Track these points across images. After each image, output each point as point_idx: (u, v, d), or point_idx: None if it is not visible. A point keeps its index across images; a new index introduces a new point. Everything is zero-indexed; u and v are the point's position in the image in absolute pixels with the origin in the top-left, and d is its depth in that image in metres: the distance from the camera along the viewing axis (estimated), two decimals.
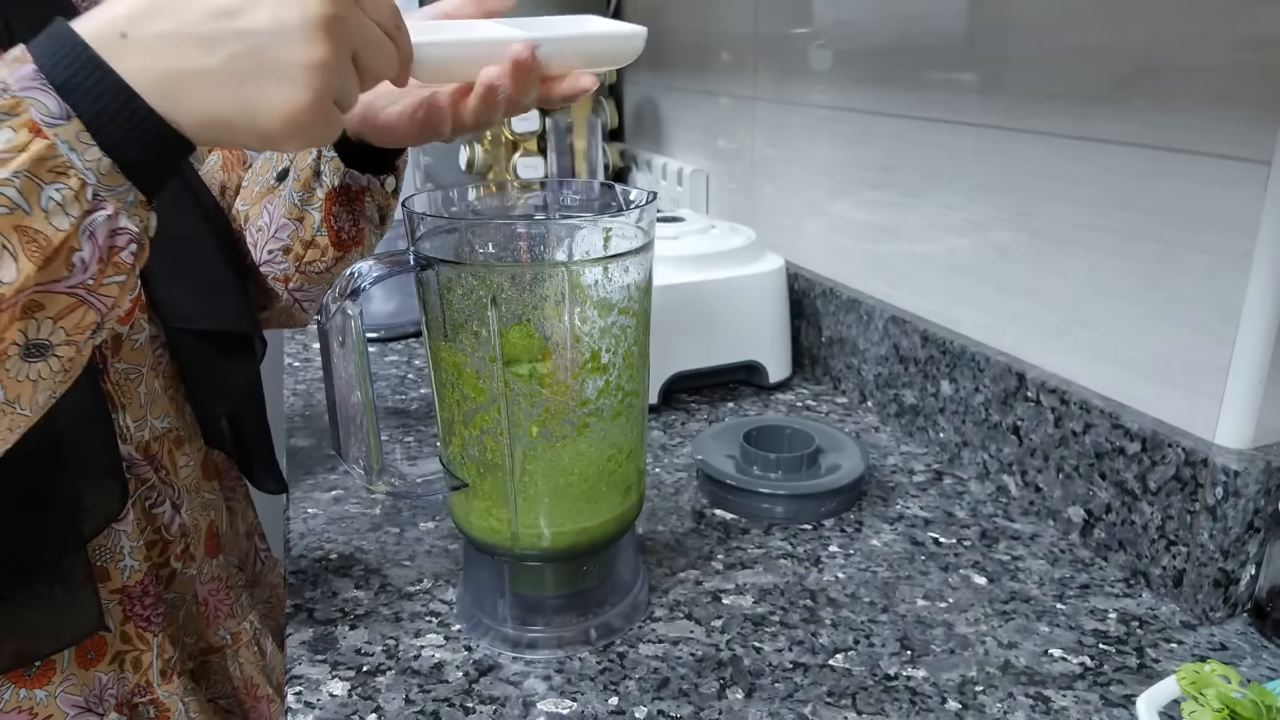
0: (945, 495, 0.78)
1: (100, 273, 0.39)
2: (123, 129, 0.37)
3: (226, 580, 0.68)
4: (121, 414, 0.58)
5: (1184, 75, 0.60)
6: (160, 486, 0.61)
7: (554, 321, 0.53)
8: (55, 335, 0.38)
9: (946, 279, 0.85)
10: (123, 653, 0.59)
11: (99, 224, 0.38)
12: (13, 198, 0.36)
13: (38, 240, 0.36)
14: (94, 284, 0.39)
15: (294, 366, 1.08)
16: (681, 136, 1.42)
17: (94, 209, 0.37)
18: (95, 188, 0.37)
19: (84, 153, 0.37)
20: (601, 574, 0.60)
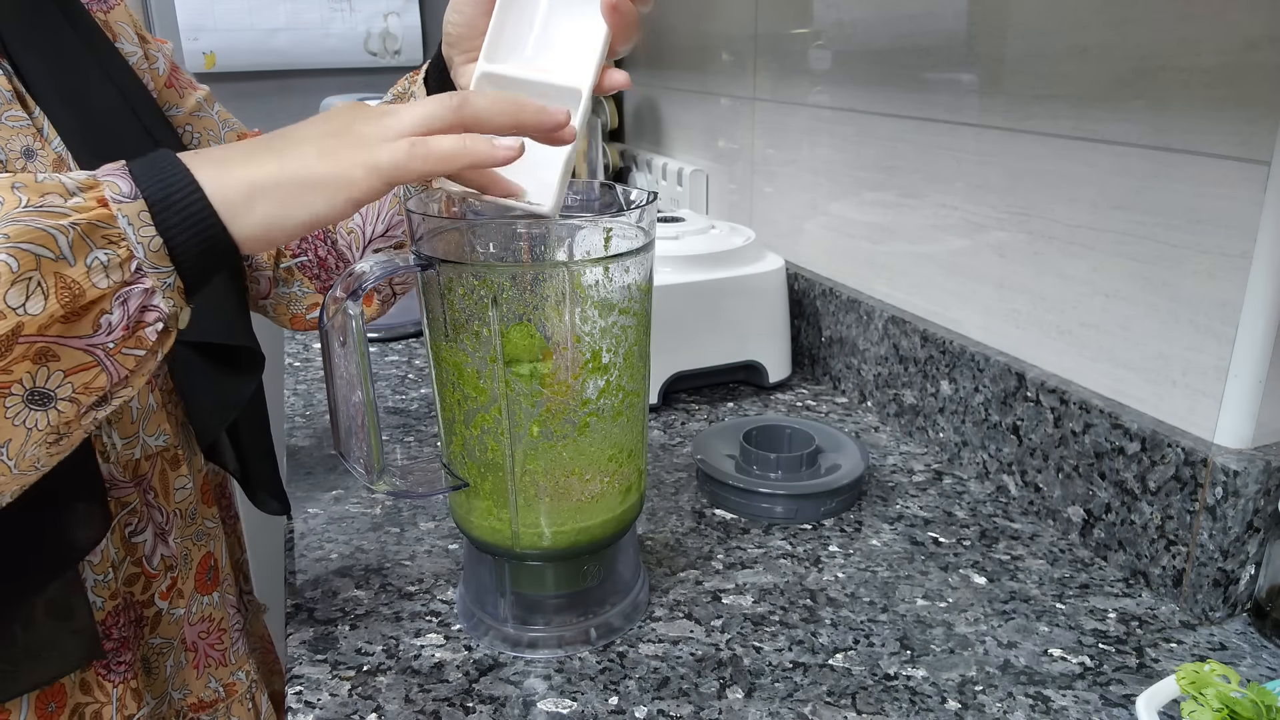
0: (945, 495, 0.78)
1: (122, 339, 0.40)
2: (180, 216, 0.40)
3: (220, 622, 0.64)
4: (108, 430, 0.56)
5: (1184, 75, 0.60)
6: (144, 510, 0.58)
7: (555, 321, 0.53)
8: (62, 389, 0.39)
9: (946, 279, 0.85)
10: (82, 705, 0.55)
11: (134, 295, 0.40)
12: (61, 247, 0.38)
13: (72, 289, 0.38)
14: (113, 348, 0.40)
15: (294, 366, 1.08)
16: (681, 137, 1.42)
17: (134, 281, 0.40)
18: (141, 262, 0.40)
19: (139, 229, 0.40)
20: (602, 574, 0.60)
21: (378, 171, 0.43)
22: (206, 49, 1.54)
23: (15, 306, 0.37)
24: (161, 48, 0.68)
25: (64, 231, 0.38)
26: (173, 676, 0.61)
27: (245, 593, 0.74)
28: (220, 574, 0.65)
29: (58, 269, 0.38)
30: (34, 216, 0.38)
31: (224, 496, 0.71)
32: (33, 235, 0.37)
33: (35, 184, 0.39)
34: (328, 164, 0.43)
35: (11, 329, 0.37)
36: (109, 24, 0.62)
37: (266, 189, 0.42)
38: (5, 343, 0.37)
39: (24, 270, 0.37)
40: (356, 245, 0.69)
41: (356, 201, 0.43)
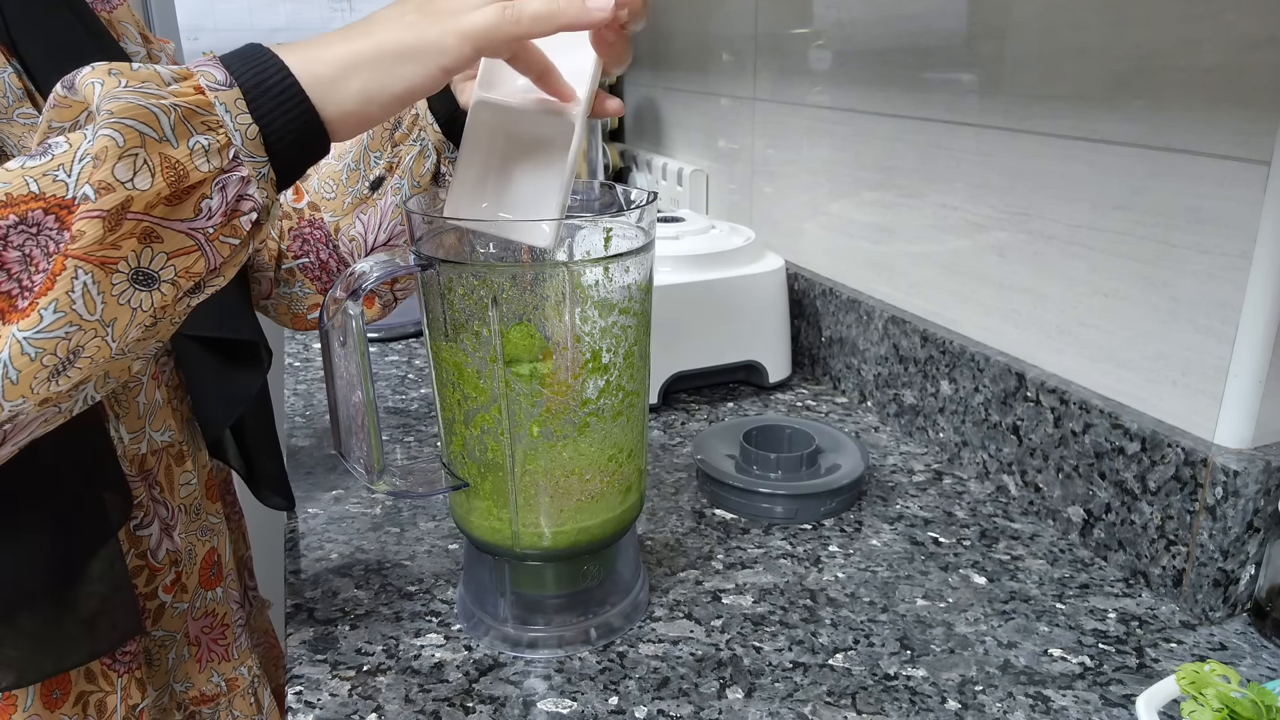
0: (945, 495, 0.78)
1: (221, 226, 0.41)
2: (274, 103, 0.41)
3: (223, 617, 0.65)
4: (116, 424, 0.56)
5: (1184, 75, 0.60)
6: (150, 505, 0.58)
7: (555, 321, 0.53)
8: (165, 270, 0.40)
9: (946, 279, 0.85)
10: (87, 693, 0.55)
11: (232, 182, 0.41)
12: (164, 128, 0.39)
13: (176, 170, 0.39)
14: (213, 234, 0.41)
15: (294, 366, 1.08)
16: (681, 137, 1.42)
17: (231, 167, 0.41)
18: (239, 149, 0.41)
19: (236, 116, 0.40)
20: (602, 574, 0.60)
21: (469, 37, 0.43)
22: (206, 49, 1.54)
23: (124, 180, 0.37)
24: (164, 48, 0.68)
25: (166, 111, 0.38)
26: (174, 669, 0.62)
27: (249, 588, 0.74)
28: (224, 569, 0.65)
29: (162, 149, 0.38)
30: (136, 95, 0.38)
31: (229, 493, 0.71)
32: (136, 112, 0.38)
33: (131, 72, 0.39)
34: (418, 33, 0.43)
35: (121, 203, 0.37)
36: (112, 23, 0.62)
37: (359, 63, 0.43)
38: (115, 217, 0.37)
39: (130, 146, 0.37)
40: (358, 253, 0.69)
41: (448, 70, 0.44)
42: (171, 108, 0.39)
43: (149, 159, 0.38)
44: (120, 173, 0.37)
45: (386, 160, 0.66)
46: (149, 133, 0.38)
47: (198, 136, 0.39)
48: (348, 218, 0.68)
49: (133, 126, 0.37)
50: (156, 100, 0.39)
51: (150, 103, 0.38)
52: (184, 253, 0.40)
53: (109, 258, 0.38)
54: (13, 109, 0.52)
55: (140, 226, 0.38)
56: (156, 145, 0.38)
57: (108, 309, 0.39)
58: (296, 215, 0.70)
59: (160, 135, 0.38)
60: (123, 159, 0.37)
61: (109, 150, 0.37)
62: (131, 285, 0.39)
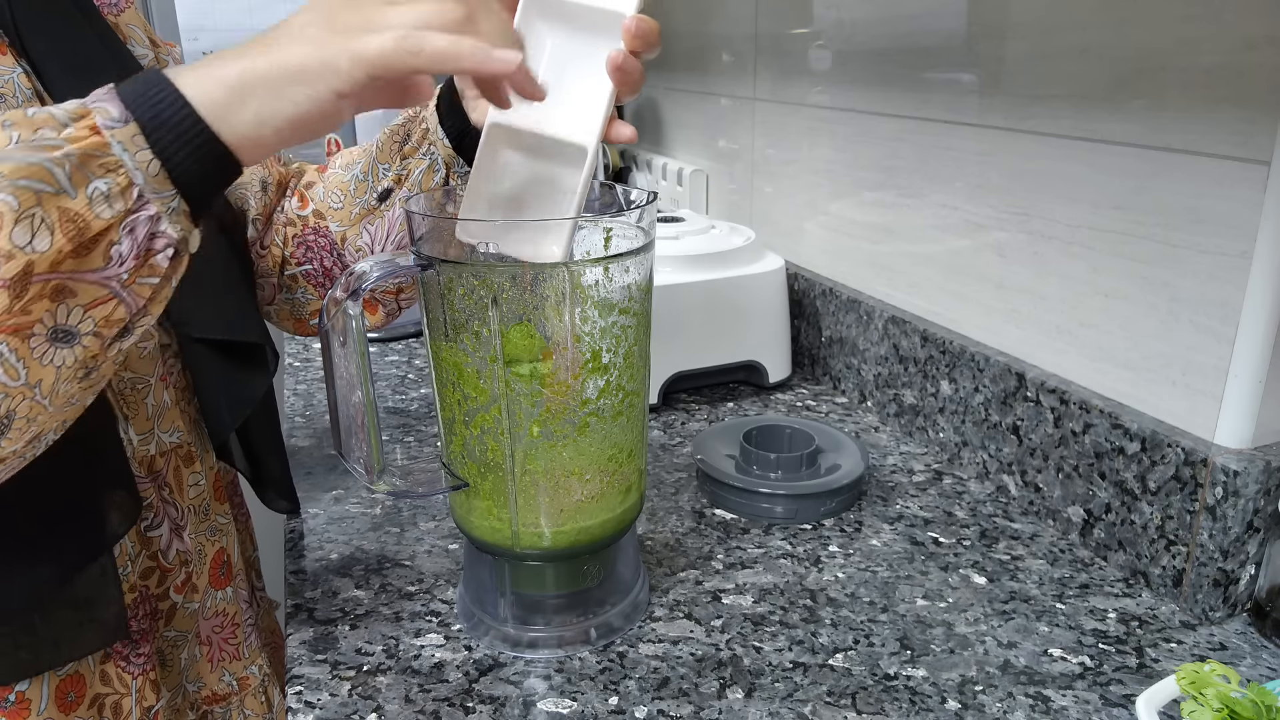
0: (945, 495, 0.78)
1: (135, 270, 0.40)
2: (173, 134, 0.40)
3: (233, 617, 0.65)
4: (125, 425, 0.56)
5: (1183, 75, 0.60)
6: (160, 506, 0.59)
7: (555, 321, 0.53)
8: (84, 324, 0.39)
9: (946, 279, 0.85)
10: (101, 695, 0.55)
11: (140, 222, 0.39)
12: (60, 180, 0.37)
13: (76, 223, 0.38)
14: (128, 279, 0.40)
15: (294, 367, 1.08)
16: (681, 137, 1.42)
17: (138, 208, 0.39)
18: (142, 188, 0.39)
19: (135, 154, 0.39)
20: (602, 574, 0.60)
21: (364, 62, 0.41)
22: (206, 49, 1.54)
23: (22, 245, 0.36)
24: (171, 51, 0.68)
25: (60, 164, 0.37)
26: (187, 669, 0.62)
27: (258, 588, 0.75)
28: (233, 569, 0.65)
29: (59, 203, 0.37)
30: (27, 152, 0.37)
31: (236, 494, 0.71)
32: (29, 171, 0.37)
33: (26, 119, 0.38)
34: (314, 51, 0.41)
35: (22, 268, 0.36)
36: (119, 26, 0.62)
37: (249, 83, 0.40)
38: (19, 283, 0.37)
39: (25, 208, 0.36)
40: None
41: (341, 94, 0.41)
42: (65, 157, 0.37)
43: (46, 216, 0.37)
44: (18, 238, 0.36)
45: (395, 172, 0.66)
46: (44, 189, 0.37)
47: (96, 182, 0.38)
48: (354, 228, 0.68)
49: (26, 186, 0.36)
50: (49, 154, 0.37)
51: (43, 158, 0.37)
52: (100, 303, 0.39)
53: (21, 324, 0.37)
54: (22, 109, 0.52)
55: (49, 286, 0.37)
56: (54, 199, 0.37)
57: (31, 372, 0.38)
58: (301, 222, 0.71)
59: (57, 188, 0.37)
60: (19, 223, 0.36)
61: (4, 215, 0.36)
62: (52, 345, 0.39)
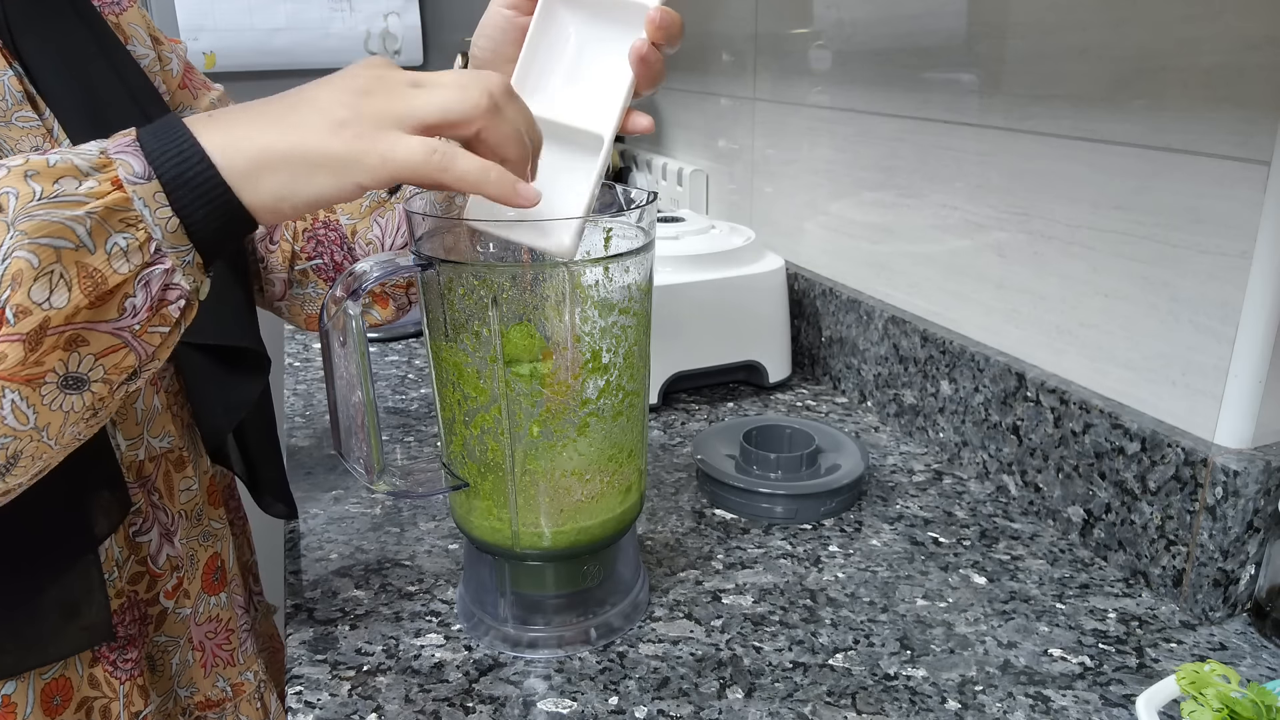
0: (945, 495, 0.78)
1: (147, 320, 0.41)
2: (194, 194, 0.40)
3: (228, 622, 0.64)
4: (113, 431, 0.56)
5: (1183, 75, 0.60)
6: (149, 511, 0.58)
7: (555, 321, 0.53)
8: (94, 372, 0.40)
9: (946, 279, 0.85)
10: (89, 699, 0.55)
11: (155, 276, 0.40)
12: (80, 236, 0.38)
13: (94, 278, 0.38)
14: (139, 329, 0.41)
15: (294, 366, 1.08)
16: (681, 137, 1.42)
17: (154, 262, 0.40)
18: (160, 243, 0.40)
19: (156, 211, 0.40)
20: (602, 574, 0.60)
21: (390, 166, 0.42)
22: (206, 49, 1.54)
23: (40, 302, 0.37)
24: (175, 49, 0.68)
25: (81, 221, 0.38)
26: (179, 675, 0.61)
27: (255, 593, 0.74)
28: (228, 575, 0.65)
29: (79, 258, 0.38)
30: (49, 209, 0.38)
31: (232, 498, 0.71)
32: (51, 229, 0.37)
33: (48, 169, 0.39)
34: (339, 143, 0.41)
35: (39, 324, 0.37)
36: (121, 26, 0.62)
37: (274, 162, 0.41)
38: (34, 338, 0.37)
39: (45, 265, 0.37)
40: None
41: (363, 186, 0.42)
42: (87, 215, 0.38)
43: (65, 272, 0.38)
44: (36, 295, 0.37)
45: None
46: (65, 245, 0.37)
47: (116, 237, 0.39)
48: (365, 221, 0.68)
49: (47, 244, 0.37)
50: (72, 211, 0.38)
51: (65, 215, 0.38)
52: (111, 351, 0.40)
53: (34, 375, 0.38)
54: (11, 112, 0.52)
55: (64, 337, 0.38)
56: (73, 255, 0.38)
57: (40, 417, 0.39)
58: (310, 217, 0.70)
59: (77, 244, 0.38)
60: (38, 279, 0.37)
61: (24, 273, 0.37)
62: (62, 392, 0.39)
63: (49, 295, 0.37)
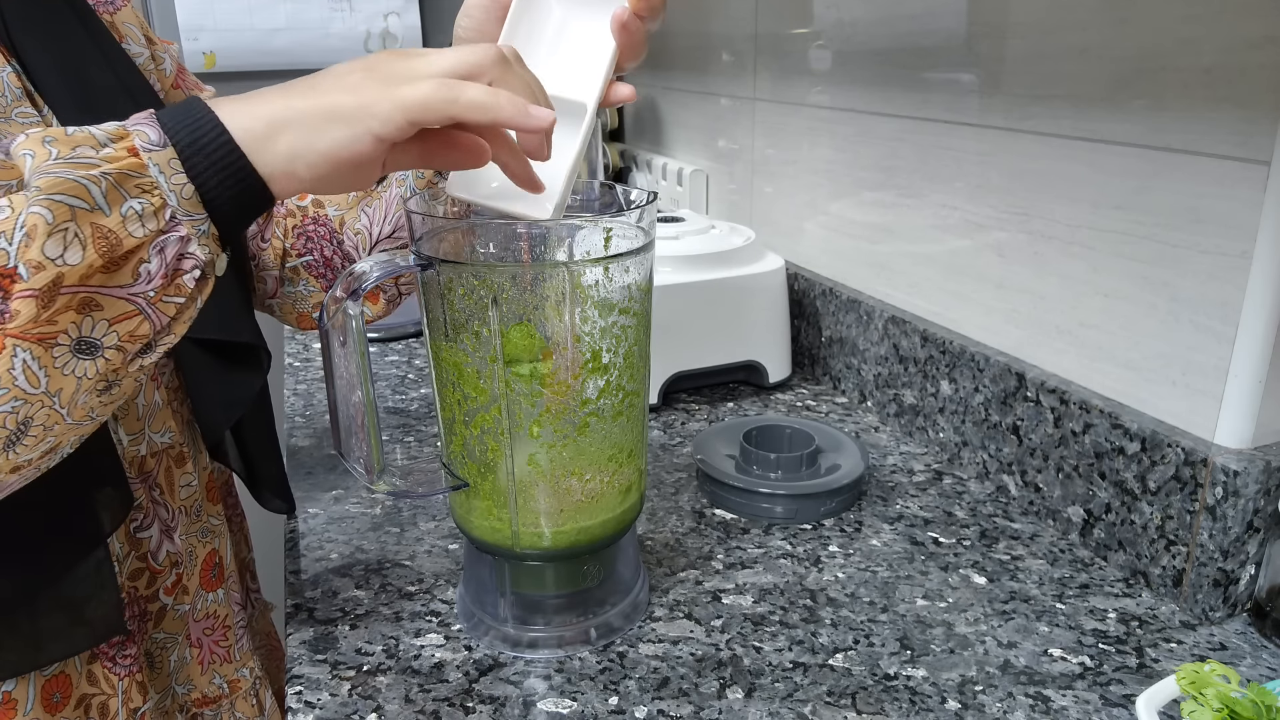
0: (945, 495, 0.78)
1: (162, 288, 0.41)
2: (209, 160, 0.41)
3: (224, 619, 0.64)
4: (115, 426, 0.56)
5: (1184, 75, 0.60)
6: (150, 507, 0.58)
7: (555, 321, 0.53)
8: (107, 338, 0.40)
9: (946, 279, 0.85)
10: (88, 696, 0.55)
11: (170, 243, 0.40)
12: (95, 196, 0.38)
13: (109, 239, 0.38)
14: (154, 297, 0.41)
15: (294, 366, 1.08)
16: (681, 137, 1.42)
17: (169, 229, 0.40)
18: (175, 210, 0.40)
19: (171, 177, 0.40)
20: (602, 574, 0.60)
21: (402, 106, 0.42)
22: (206, 49, 1.54)
23: (54, 258, 0.37)
24: (168, 49, 0.68)
25: (96, 181, 0.38)
26: (176, 671, 0.61)
27: (252, 591, 0.74)
28: (225, 571, 0.65)
29: (93, 219, 0.38)
30: (66, 168, 0.38)
31: (230, 495, 0.71)
32: (66, 186, 0.37)
33: (66, 136, 0.39)
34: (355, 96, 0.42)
35: (52, 280, 0.37)
36: (115, 25, 0.62)
37: (290, 120, 0.42)
38: (48, 294, 0.37)
39: (59, 221, 0.37)
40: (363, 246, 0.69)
41: (379, 136, 0.42)
42: (102, 176, 0.38)
43: (80, 231, 0.38)
44: (50, 250, 0.37)
45: None
46: (80, 204, 0.38)
47: (131, 201, 0.39)
48: (352, 211, 0.68)
49: (62, 201, 0.37)
50: (86, 171, 0.38)
51: (80, 174, 0.38)
52: (125, 318, 0.40)
53: (46, 334, 0.38)
54: (11, 108, 0.52)
55: (77, 298, 0.38)
56: (88, 215, 0.38)
57: (52, 381, 0.39)
58: (300, 213, 0.70)
59: (92, 205, 0.38)
60: (52, 235, 0.37)
61: (38, 227, 0.37)
62: (74, 356, 0.39)
63: (63, 251, 0.37)
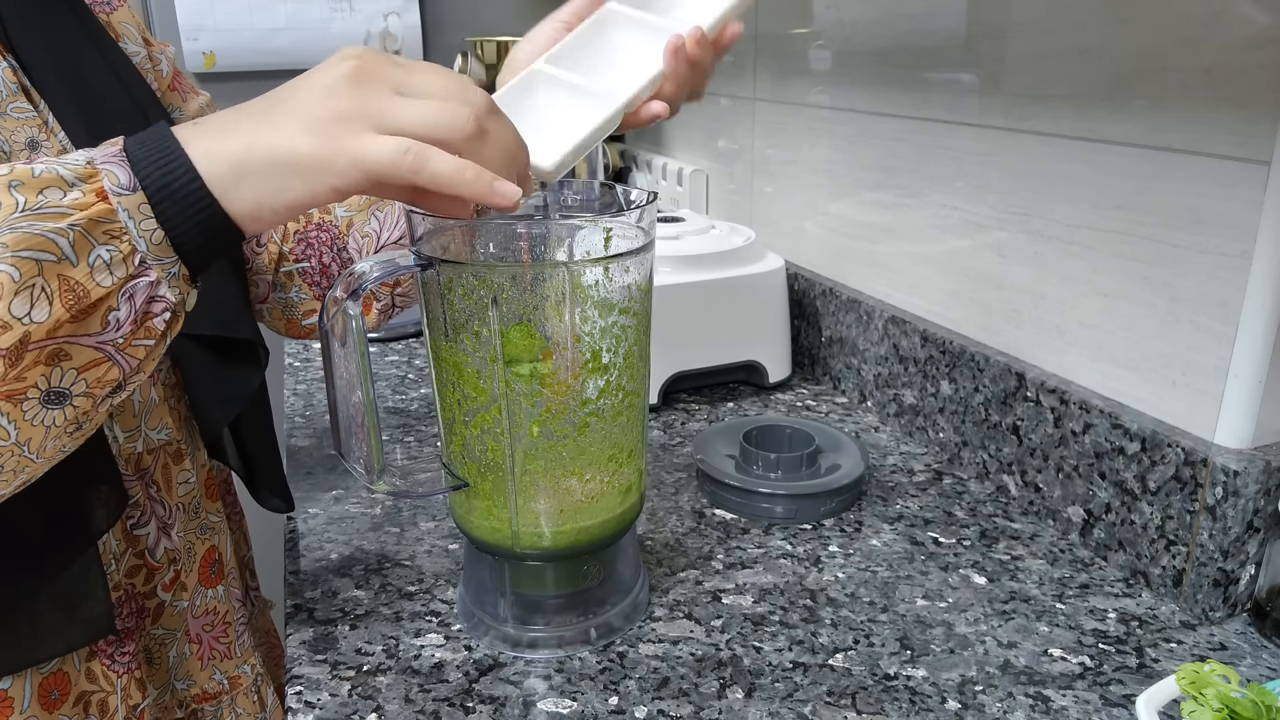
0: (945, 495, 0.78)
1: (131, 334, 0.40)
2: (179, 206, 0.40)
3: (225, 615, 0.64)
4: (110, 423, 0.56)
5: (1184, 75, 0.60)
6: (147, 504, 0.58)
7: (555, 321, 0.53)
8: (76, 386, 0.39)
9: (946, 279, 0.85)
10: (87, 693, 0.55)
11: (140, 288, 0.40)
12: (63, 248, 0.37)
13: (75, 291, 0.38)
14: (123, 343, 0.40)
15: (294, 366, 1.08)
16: (681, 137, 1.42)
17: (138, 274, 0.39)
18: (144, 255, 0.39)
19: (140, 222, 0.39)
20: (602, 574, 0.60)
21: (363, 167, 0.41)
22: (206, 49, 1.54)
23: (20, 316, 0.36)
24: (164, 51, 0.68)
25: (64, 234, 0.37)
26: (176, 667, 0.61)
27: (252, 588, 0.74)
28: (225, 568, 0.65)
29: (60, 270, 0.37)
30: (32, 220, 0.37)
31: (229, 493, 0.71)
32: (33, 242, 0.37)
33: (32, 179, 0.38)
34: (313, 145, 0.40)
35: (19, 339, 0.37)
36: (112, 24, 0.62)
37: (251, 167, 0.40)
38: (14, 353, 0.37)
39: (26, 279, 0.36)
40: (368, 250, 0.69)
41: (339, 190, 0.41)
42: (70, 228, 0.37)
43: (47, 285, 0.37)
44: (16, 309, 0.36)
45: None
46: (47, 258, 0.37)
47: (99, 249, 0.38)
48: (363, 214, 0.68)
49: (29, 258, 0.37)
50: (54, 224, 0.37)
51: (48, 228, 0.37)
52: (94, 365, 0.40)
53: (15, 390, 0.38)
54: (6, 104, 0.52)
55: (45, 351, 0.38)
56: (55, 268, 0.37)
57: (21, 432, 0.39)
58: (304, 218, 0.70)
59: (59, 256, 0.37)
60: (19, 293, 0.36)
61: (4, 285, 0.36)
62: (43, 407, 0.39)
63: (29, 310, 0.37)
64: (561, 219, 0.59)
